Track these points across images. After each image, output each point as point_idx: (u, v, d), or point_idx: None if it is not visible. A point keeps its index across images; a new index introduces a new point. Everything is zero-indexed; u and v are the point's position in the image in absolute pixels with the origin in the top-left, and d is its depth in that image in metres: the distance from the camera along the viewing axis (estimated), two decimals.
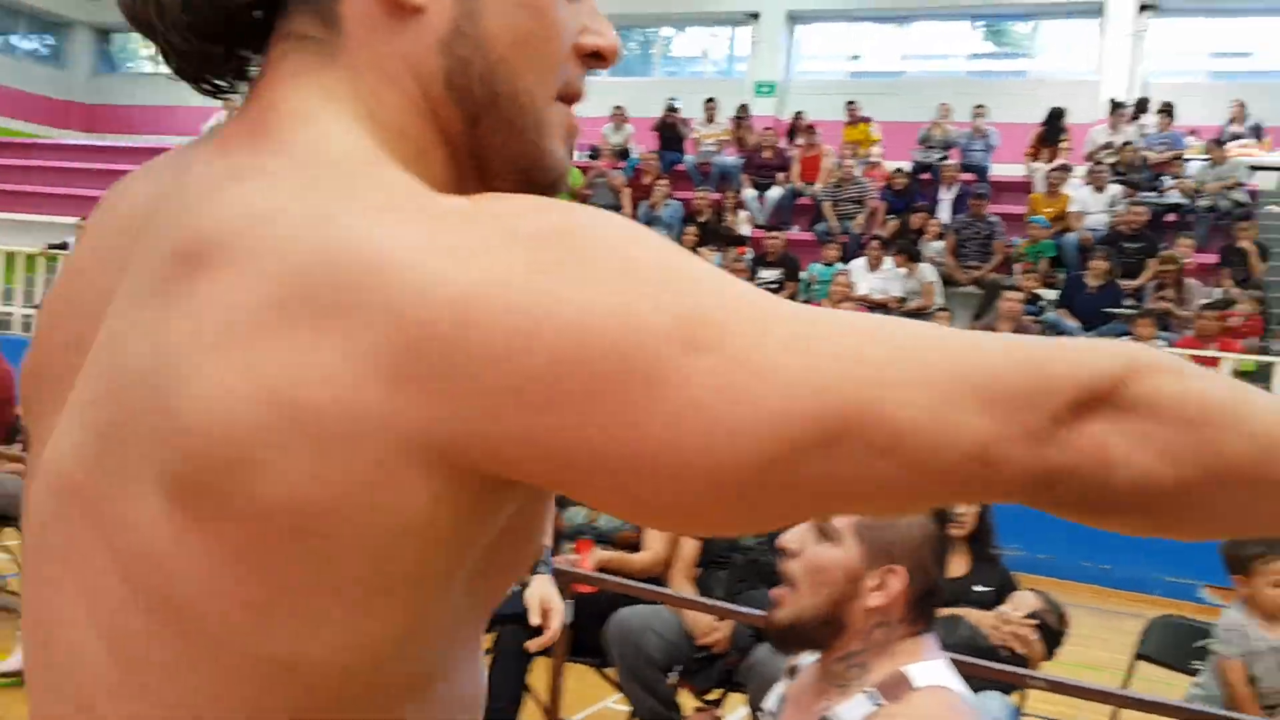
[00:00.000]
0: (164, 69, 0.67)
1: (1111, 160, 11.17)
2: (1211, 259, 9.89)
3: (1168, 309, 8.85)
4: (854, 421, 0.54)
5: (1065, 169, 11.00)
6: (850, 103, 12.94)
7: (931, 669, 1.55)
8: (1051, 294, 9.66)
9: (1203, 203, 10.61)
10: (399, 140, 0.63)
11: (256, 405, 0.54)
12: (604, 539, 3.77)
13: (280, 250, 0.55)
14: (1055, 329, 9.05)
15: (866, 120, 12.76)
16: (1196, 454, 0.55)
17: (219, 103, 13.64)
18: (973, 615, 3.26)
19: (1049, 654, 3.23)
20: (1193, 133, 12.44)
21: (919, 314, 9.57)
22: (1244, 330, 8.58)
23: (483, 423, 0.54)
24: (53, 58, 21.27)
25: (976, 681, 3.08)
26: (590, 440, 0.54)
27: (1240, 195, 10.64)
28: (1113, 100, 12.30)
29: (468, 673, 0.68)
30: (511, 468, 0.56)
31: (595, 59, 0.70)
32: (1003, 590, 3.44)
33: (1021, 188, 11.79)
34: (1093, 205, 10.53)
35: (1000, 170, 12.33)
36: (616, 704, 4.27)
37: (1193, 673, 3.47)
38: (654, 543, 3.70)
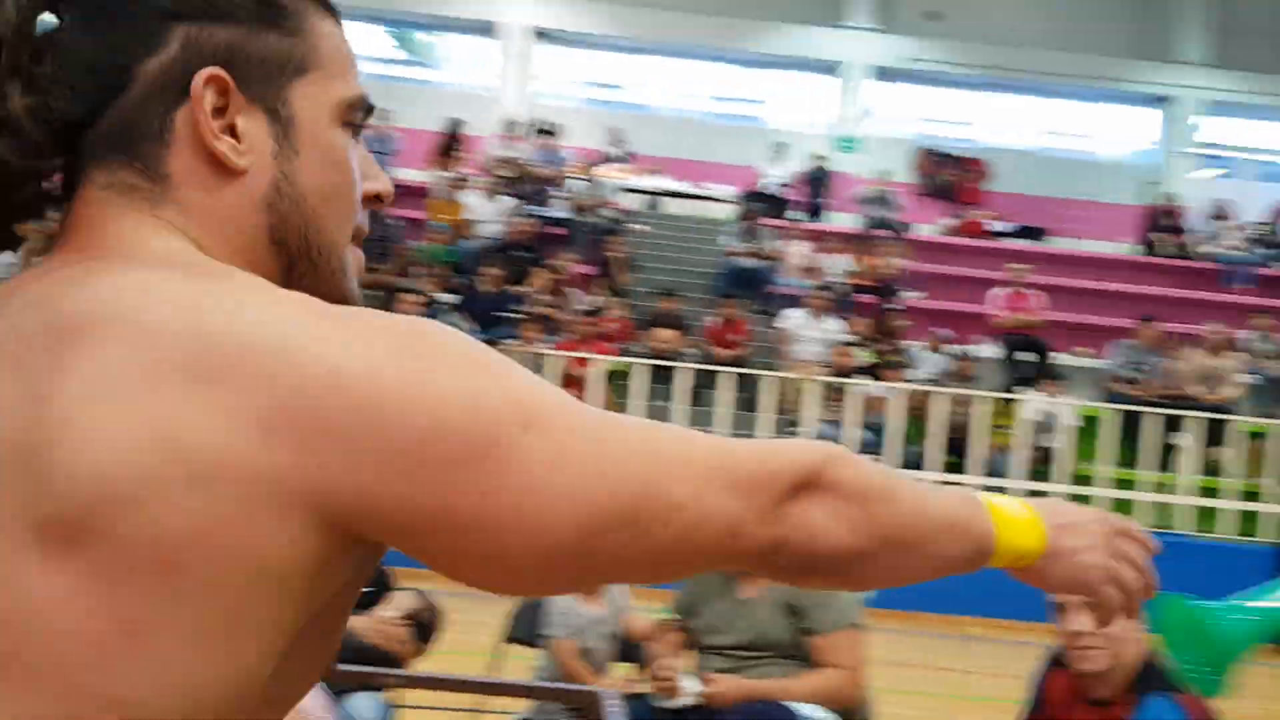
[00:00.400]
0: None
1: (504, 173, 11.94)
2: (589, 270, 10.96)
3: (551, 314, 9.64)
4: (646, 498, 0.68)
5: (462, 179, 11.56)
6: None
7: None
8: (449, 298, 10.08)
9: (582, 218, 11.72)
10: None
11: (130, 446, 0.59)
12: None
13: (160, 322, 0.62)
14: None
15: None
16: (868, 524, 0.76)
17: None
18: (352, 621, 3.29)
19: (423, 649, 3.35)
20: (577, 153, 13.71)
21: None
22: (614, 334, 9.62)
23: (346, 477, 0.63)
24: None
25: (349, 685, 3.11)
26: (442, 502, 0.64)
27: (613, 213, 11.93)
28: (506, 117, 13.16)
29: None
30: (366, 522, 0.64)
31: (377, 201, 0.82)
32: (380, 590, 3.52)
33: (422, 193, 12.19)
34: (487, 214, 11.18)
35: (403, 175, 12.64)
36: None
37: None
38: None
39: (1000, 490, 8.53)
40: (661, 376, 9.10)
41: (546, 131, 12.79)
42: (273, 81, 0.74)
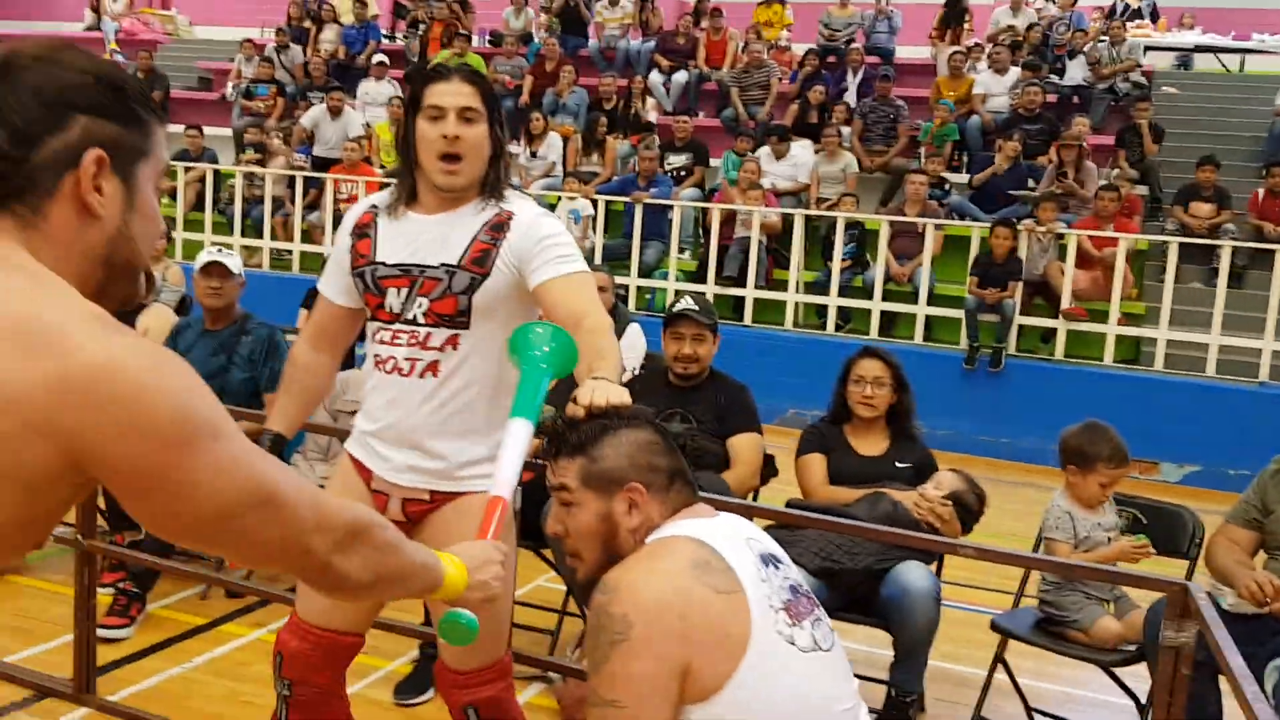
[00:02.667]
0: None
1: (1013, 42, 11.28)
2: (1105, 140, 10.12)
3: (1070, 189, 9.05)
4: (266, 506, 1.11)
5: (969, 51, 11.07)
6: None
7: (672, 528, 1.71)
8: (956, 177, 9.80)
9: (1101, 84, 10.79)
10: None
11: None
12: (539, 430, 3.81)
13: (17, 309, 1.01)
14: (959, 213, 9.20)
15: (780, 1, 12.62)
16: (385, 575, 1.30)
17: None
18: (894, 493, 3.39)
19: (966, 531, 3.39)
20: (1090, 13, 12.60)
21: (832, 203, 9.63)
22: (1131, 210, 8.84)
23: (92, 430, 0.99)
24: None
25: (900, 551, 3.23)
26: (145, 466, 1.02)
27: (1137, 76, 10.85)
28: None
29: None
30: (95, 464, 1.01)
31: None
32: (922, 467, 3.58)
33: (925, 71, 11.85)
34: (995, 88, 10.65)
35: (906, 53, 12.36)
36: (548, 582, 4.39)
37: None
38: None
39: None
40: (1196, 256, 8.27)
41: None
42: (130, 163, 1.13)
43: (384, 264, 2.27)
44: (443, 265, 2.22)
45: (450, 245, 2.23)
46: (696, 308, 3.74)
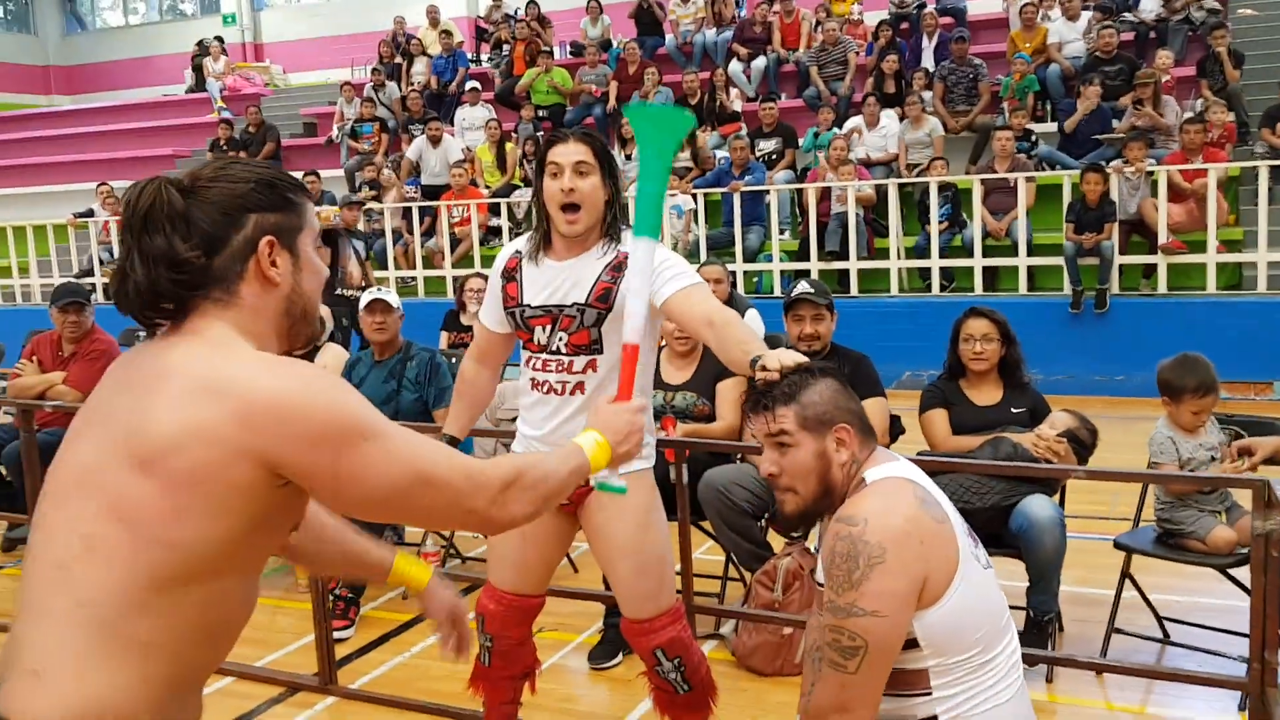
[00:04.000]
0: (132, 21, 1.84)
1: None
2: (1187, 72, 10.16)
3: (1153, 124, 9.15)
4: (422, 484, 1.43)
5: (1040, 1, 11.17)
6: None
7: (880, 470, 2.03)
8: (1042, 128, 9.97)
9: (1176, 15, 10.80)
10: (255, 338, 1.45)
11: (181, 425, 1.31)
12: (682, 415, 4.28)
13: (201, 371, 1.35)
14: (1049, 163, 9.39)
15: None
16: (543, 499, 1.59)
17: (188, 49, 13.86)
18: (1013, 436, 3.78)
19: (1081, 463, 3.75)
20: None
21: (923, 168, 9.89)
22: (1224, 139, 8.92)
23: (275, 447, 1.32)
24: (20, 24, 21.23)
25: (1024, 487, 3.62)
26: (317, 467, 1.35)
27: (1211, 3, 10.83)
28: None
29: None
30: (284, 470, 1.35)
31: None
32: (1036, 411, 3.96)
33: (998, 24, 11.98)
34: (1069, 35, 10.75)
35: (975, 8, 12.50)
36: (705, 554, 4.83)
37: None
38: (727, 413, 4.21)
39: None
40: None
41: None
42: (292, 237, 1.48)
43: (530, 306, 2.75)
44: (575, 304, 2.68)
45: (580, 286, 2.69)
46: (812, 290, 4.17)
